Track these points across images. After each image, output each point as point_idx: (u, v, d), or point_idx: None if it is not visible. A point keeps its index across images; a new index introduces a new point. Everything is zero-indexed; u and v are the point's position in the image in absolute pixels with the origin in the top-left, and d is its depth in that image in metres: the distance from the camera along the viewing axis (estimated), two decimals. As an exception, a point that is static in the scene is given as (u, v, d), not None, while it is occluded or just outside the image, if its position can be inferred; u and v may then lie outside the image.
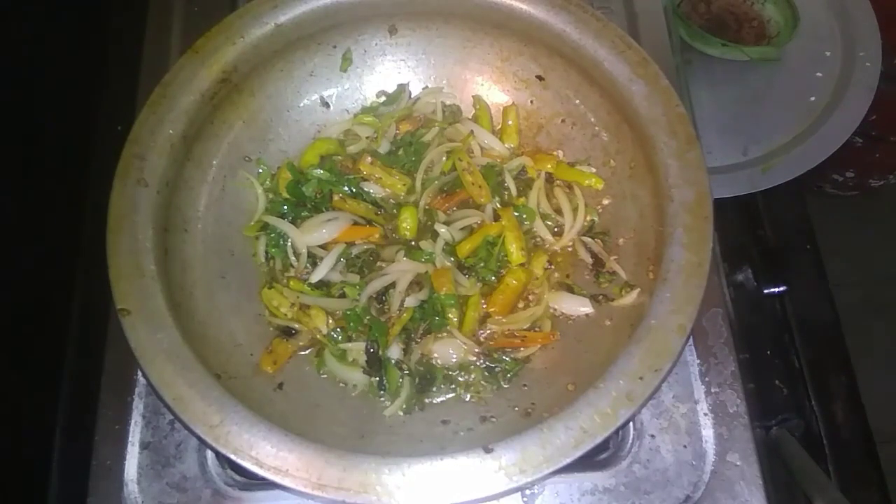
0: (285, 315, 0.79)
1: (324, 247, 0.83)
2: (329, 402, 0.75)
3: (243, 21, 0.80)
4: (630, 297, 0.76)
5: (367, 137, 0.90)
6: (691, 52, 1.27)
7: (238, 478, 0.77)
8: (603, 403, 0.62)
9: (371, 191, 0.87)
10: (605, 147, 0.84)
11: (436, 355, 0.78)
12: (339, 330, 0.79)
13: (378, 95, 0.92)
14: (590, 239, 0.84)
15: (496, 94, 0.91)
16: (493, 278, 0.82)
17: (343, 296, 0.81)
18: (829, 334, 1.07)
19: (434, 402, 0.76)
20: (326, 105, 0.90)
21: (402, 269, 0.80)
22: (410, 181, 0.87)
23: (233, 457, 0.61)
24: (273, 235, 0.83)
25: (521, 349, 0.79)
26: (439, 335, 0.79)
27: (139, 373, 0.80)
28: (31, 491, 0.84)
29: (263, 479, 0.60)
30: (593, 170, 0.85)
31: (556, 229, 0.86)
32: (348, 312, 0.79)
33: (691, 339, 0.82)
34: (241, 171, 0.84)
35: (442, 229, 0.83)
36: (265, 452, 0.61)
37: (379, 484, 0.60)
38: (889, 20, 1.29)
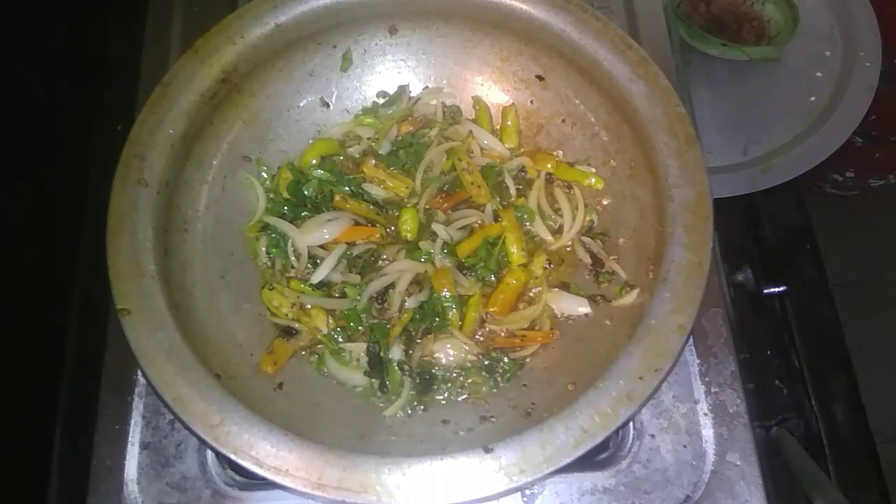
0: (286, 315, 0.79)
1: (324, 247, 0.83)
2: (329, 402, 0.75)
3: (243, 21, 0.80)
4: (630, 297, 0.76)
5: (367, 139, 0.90)
6: (691, 52, 1.27)
7: (238, 478, 0.77)
8: (603, 403, 0.62)
9: (372, 192, 0.87)
10: (605, 147, 0.84)
11: (436, 355, 0.78)
12: (339, 330, 0.79)
13: (378, 96, 0.92)
14: (589, 239, 0.84)
15: (496, 94, 0.91)
16: (493, 278, 0.82)
17: (344, 296, 0.81)
18: (829, 334, 1.07)
19: (434, 401, 0.76)
20: (326, 105, 0.90)
21: (400, 269, 0.80)
22: (413, 184, 0.87)
23: (233, 457, 0.61)
24: (273, 236, 0.83)
25: (521, 349, 0.79)
26: (440, 335, 0.79)
27: (139, 373, 0.80)
28: (31, 491, 0.84)
29: (263, 479, 0.60)
30: (593, 170, 0.85)
31: (555, 229, 0.86)
32: (348, 312, 0.79)
33: (691, 339, 0.82)
34: (241, 171, 0.84)
35: (440, 229, 0.83)
36: (265, 452, 0.61)
37: (379, 484, 0.60)
38: (889, 20, 1.29)
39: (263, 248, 0.83)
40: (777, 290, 1.03)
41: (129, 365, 0.78)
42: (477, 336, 0.80)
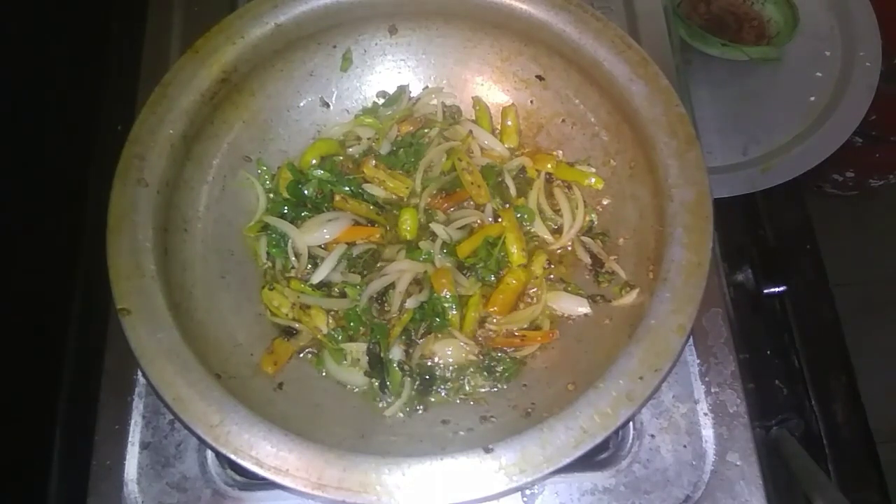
0: (286, 315, 0.79)
1: (324, 247, 0.83)
2: (329, 402, 0.75)
3: (243, 21, 0.80)
4: (630, 297, 0.76)
5: (367, 139, 0.90)
6: (691, 52, 1.27)
7: (238, 478, 0.77)
8: (603, 403, 0.62)
9: (372, 192, 0.87)
10: (605, 147, 0.85)
11: (437, 356, 0.78)
12: (339, 330, 0.79)
13: (378, 96, 0.92)
14: (589, 239, 0.84)
15: (496, 95, 0.91)
16: (493, 278, 0.82)
17: (344, 296, 0.81)
18: (829, 334, 1.07)
19: (434, 401, 0.76)
20: (326, 105, 0.90)
21: (400, 269, 0.80)
22: (413, 184, 0.87)
23: (233, 457, 0.61)
24: (273, 236, 0.83)
25: (521, 349, 0.79)
26: (440, 336, 0.79)
27: (139, 373, 0.80)
28: (31, 491, 0.84)
29: (263, 479, 0.60)
30: (593, 170, 0.85)
31: (555, 229, 0.86)
32: (348, 312, 0.79)
33: (691, 339, 0.82)
34: (241, 171, 0.84)
35: (439, 229, 0.83)
36: (265, 452, 0.61)
37: (379, 484, 0.60)
38: (889, 20, 1.29)
39: (263, 248, 0.83)
40: (777, 290, 1.03)
41: (129, 365, 0.78)
42: (477, 336, 0.80)
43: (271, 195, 0.86)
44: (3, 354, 0.83)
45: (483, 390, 0.77)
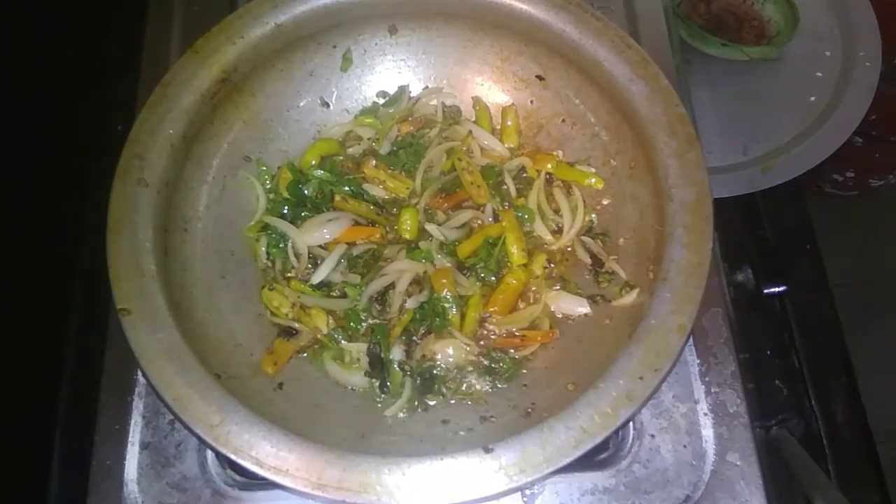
0: (286, 315, 0.79)
1: (324, 247, 0.83)
2: (329, 402, 0.75)
3: (243, 21, 0.80)
4: (630, 297, 0.76)
5: (367, 139, 0.90)
6: (691, 52, 1.27)
7: (238, 478, 0.77)
8: (603, 403, 0.62)
9: (372, 192, 0.87)
10: (605, 147, 0.85)
11: (437, 356, 0.78)
12: (339, 330, 0.79)
13: (378, 96, 0.92)
14: (589, 239, 0.84)
15: (496, 94, 0.91)
16: (493, 278, 0.82)
17: (344, 296, 0.81)
18: (829, 334, 1.07)
19: (434, 402, 0.76)
20: (326, 105, 0.90)
21: (400, 269, 0.80)
22: (413, 184, 0.87)
23: (233, 457, 0.61)
24: (274, 236, 0.83)
25: (521, 348, 0.79)
26: (440, 336, 0.79)
27: (139, 373, 0.80)
28: (32, 491, 0.84)
29: (263, 479, 0.60)
30: (593, 170, 0.85)
31: (555, 229, 0.86)
32: (348, 312, 0.79)
33: (691, 339, 0.82)
34: (241, 171, 0.84)
35: (433, 229, 0.83)
36: (265, 452, 0.61)
37: (379, 484, 0.60)
38: (889, 20, 1.29)
39: (263, 249, 0.83)
40: (777, 290, 1.03)
41: (129, 365, 0.78)
42: (477, 336, 0.80)
43: (271, 195, 0.86)
44: (4, 354, 0.83)
45: (483, 390, 0.77)
